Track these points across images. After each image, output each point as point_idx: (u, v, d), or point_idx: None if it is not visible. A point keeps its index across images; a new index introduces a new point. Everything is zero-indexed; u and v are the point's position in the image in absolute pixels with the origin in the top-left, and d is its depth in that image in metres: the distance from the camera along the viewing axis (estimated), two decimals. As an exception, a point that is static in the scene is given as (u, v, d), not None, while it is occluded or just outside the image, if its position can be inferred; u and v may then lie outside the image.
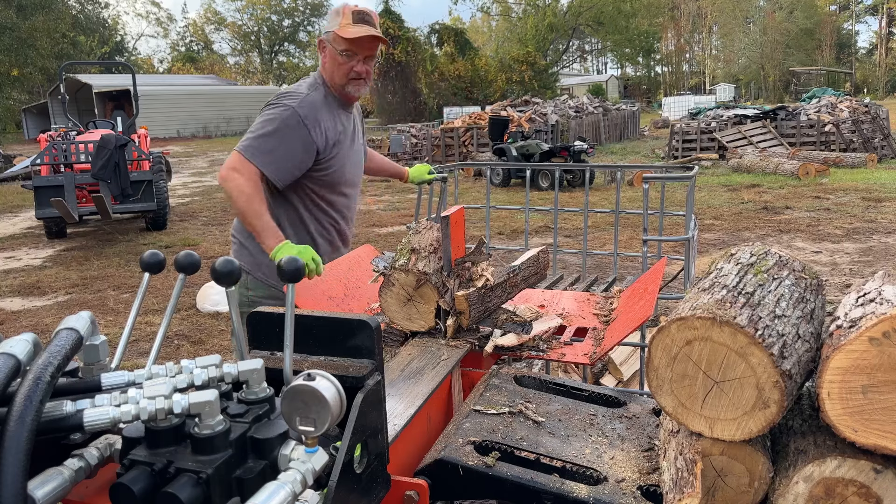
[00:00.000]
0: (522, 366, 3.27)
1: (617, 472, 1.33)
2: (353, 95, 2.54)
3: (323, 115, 2.46)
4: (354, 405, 1.02)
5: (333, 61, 2.47)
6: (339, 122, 2.53)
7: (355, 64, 2.46)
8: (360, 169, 2.81)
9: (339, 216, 2.67)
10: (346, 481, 0.98)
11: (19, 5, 30.94)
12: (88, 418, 0.87)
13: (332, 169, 2.52)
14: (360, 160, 2.80)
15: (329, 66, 2.49)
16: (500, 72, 43.88)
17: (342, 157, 2.56)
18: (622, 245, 7.71)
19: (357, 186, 2.80)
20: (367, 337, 1.14)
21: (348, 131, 2.60)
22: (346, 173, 2.62)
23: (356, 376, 1.09)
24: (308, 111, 2.41)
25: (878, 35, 65.23)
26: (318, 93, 2.50)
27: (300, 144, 2.39)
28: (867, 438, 1.04)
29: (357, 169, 2.74)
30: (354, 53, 2.44)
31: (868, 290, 1.19)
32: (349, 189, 2.70)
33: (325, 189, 2.57)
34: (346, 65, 2.46)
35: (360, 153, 2.80)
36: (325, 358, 1.17)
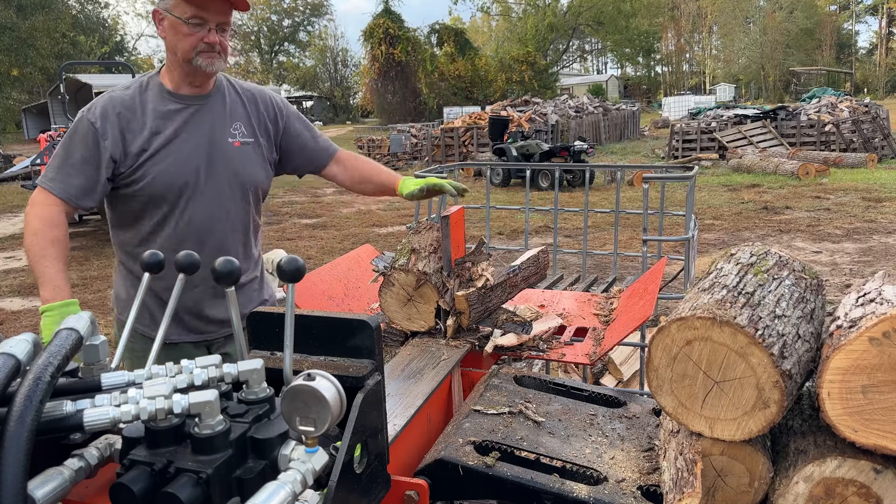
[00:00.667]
0: (522, 366, 3.28)
1: (617, 472, 1.33)
2: (203, 70, 1.99)
3: (130, 112, 1.99)
4: (354, 405, 1.02)
5: (176, 33, 1.97)
6: (169, 118, 2.02)
7: (205, 34, 1.97)
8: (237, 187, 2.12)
9: (158, 282, 1.90)
10: (346, 481, 0.98)
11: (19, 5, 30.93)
12: (88, 418, 0.87)
13: (146, 179, 1.99)
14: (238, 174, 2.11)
15: (171, 41, 1.99)
16: (500, 72, 43.90)
17: (168, 164, 2.00)
18: (622, 245, 7.71)
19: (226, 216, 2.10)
20: (367, 337, 1.14)
21: (188, 129, 2.04)
22: (171, 187, 2.01)
23: (356, 376, 1.09)
24: (102, 111, 1.98)
25: (878, 35, 65.23)
26: (133, 89, 2.05)
27: (86, 150, 1.95)
28: (867, 438, 1.04)
29: (220, 185, 2.07)
30: (203, 21, 1.96)
31: (868, 290, 1.19)
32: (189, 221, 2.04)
33: (135, 220, 2.05)
34: (194, 35, 1.97)
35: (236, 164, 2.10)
36: (325, 358, 1.16)
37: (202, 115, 2.08)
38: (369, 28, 40.38)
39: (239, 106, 2.17)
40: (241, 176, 2.13)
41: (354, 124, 47.99)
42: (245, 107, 2.18)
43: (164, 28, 2.01)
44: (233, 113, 2.14)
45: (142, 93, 2.05)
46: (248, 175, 2.15)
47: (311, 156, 2.34)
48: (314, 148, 2.35)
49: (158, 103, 2.04)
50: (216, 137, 2.08)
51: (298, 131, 2.30)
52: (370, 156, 21.34)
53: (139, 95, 2.04)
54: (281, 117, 2.26)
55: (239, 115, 2.16)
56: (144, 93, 2.05)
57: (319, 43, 72.28)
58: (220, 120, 2.10)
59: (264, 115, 2.21)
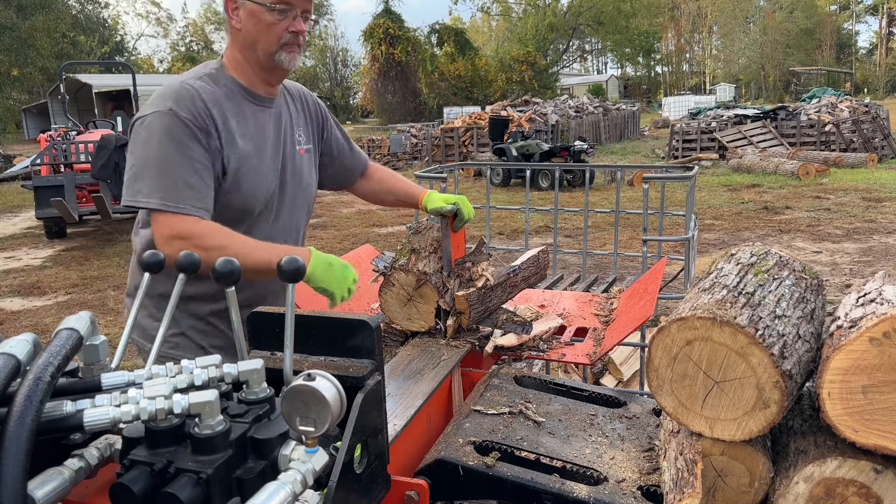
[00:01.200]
0: (522, 366, 3.28)
1: (617, 473, 1.33)
2: (284, 68, 1.78)
3: (222, 107, 1.74)
4: (354, 405, 1.02)
5: (258, 23, 1.72)
6: (249, 122, 1.80)
7: (290, 22, 1.73)
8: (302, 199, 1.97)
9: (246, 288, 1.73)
10: (346, 481, 0.98)
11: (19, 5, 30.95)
12: (88, 418, 0.87)
13: (232, 194, 1.75)
14: (302, 185, 1.95)
15: (250, 33, 1.73)
16: (500, 72, 43.92)
17: (253, 177, 1.77)
18: (622, 245, 7.71)
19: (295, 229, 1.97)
20: (367, 337, 1.14)
21: (267, 135, 1.83)
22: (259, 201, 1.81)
23: (356, 376, 1.09)
24: (192, 105, 1.68)
25: (878, 35, 65.24)
26: (209, 80, 1.77)
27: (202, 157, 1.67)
28: (867, 439, 1.04)
29: (293, 198, 1.92)
30: (288, 6, 1.72)
31: (868, 291, 1.19)
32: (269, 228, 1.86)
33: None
34: (279, 24, 1.72)
35: (302, 174, 1.95)
36: (325, 358, 1.16)
37: (277, 119, 1.87)
38: (369, 28, 40.39)
39: (296, 108, 1.98)
40: (307, 187, 1.97)
41: (354, 124, 48.01)
42: (301, 109, 1.99)
43: (241, 18, 1.73)
44: (294, 117, 1.95)
45: (217, 88, 1.76)
46: (311, 185, 2.01)
47: (346, 168, 2.16)
48: (350, 159, 2.16)
49: (236, 103, 1.77)
50: (288, 145, 1.89)
51: (339, 139, 2.13)
52: (370, 156, 21.34)
53: (217, 90, 1.75)
54: (325, 121, 2.09)
55: (298, 120, 1.97)
56: (219, 88, 1.76)
57: (319, 43, 72.28)
58: (289, 125, 1.91)
59: (314, 118, 2.04)
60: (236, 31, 1.76)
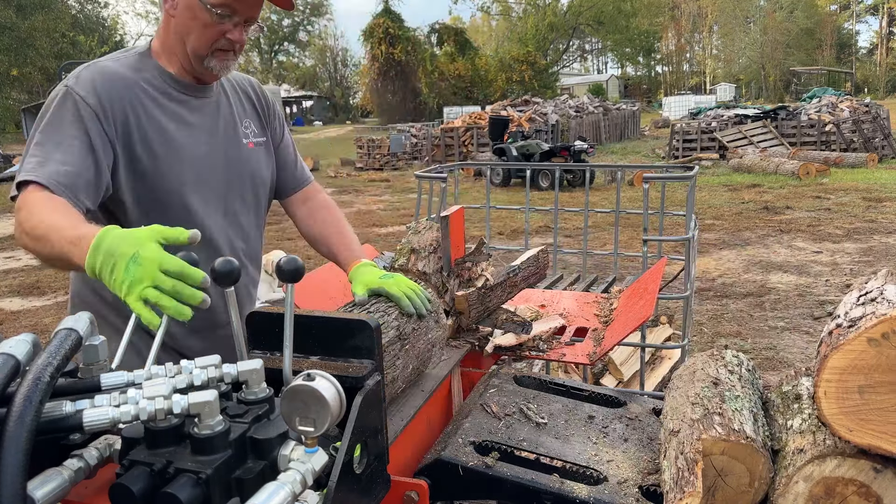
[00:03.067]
0: (522, 366, 3.28)
1: (617, 473, 1.33)
2: (212, 74, 1.66)
3: (135, 92, 1.59)
4: (354, 405, 1.01)
5: (192, 18, 1.57)
6: (171, 110, 1.64)
7: (229, 28, 1.59)
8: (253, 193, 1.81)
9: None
10: (346, 481, 0.98)
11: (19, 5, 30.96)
12: (88, 419, 0.87)
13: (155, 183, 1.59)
14: (252, 178, 1.79)
15: (183, 26, 1.59)
16: (500, 71, 43.93)
17: (178, 168, 1.62)
18: (622, 245, 7.71)
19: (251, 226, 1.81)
20: (366, 337, 1.14)
21: (197, 125, 1.68)
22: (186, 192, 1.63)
23: (356, 376, 1.08)
24: (92, 89, 1.52)
25: (878, 35, 65.24)
26: (128, 65, 1.62)
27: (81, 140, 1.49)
28: (862, 438, 1.04)
29: (240, 192, 1.76)
30: (233, 12, 1.57)
31: (870, 289, 1.19)
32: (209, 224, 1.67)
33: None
34: (215, 28, 1.57)
35: (251, 167, 1.79)
36: (325, 358, 1.16)
37: (212, 109, 1.73)
38: (369, 28, 40.41)
39: (242, 98, 1.84)
40: (259, 184, 1.82)
41: (354, 124, 48.02)
42: (249, 101, 1.86)
43: (176, 5, 1.58)
44: (238, 107, 1.81)
45: (135, 73, 1.62)
46: (267, 182, 1.85)
47: (287, 176, 1.94)
48: (293, 168, 1.95)
49: (158, 90, 1.63)
50: (230, 137, 1.75)
51: (286, 141, 1.95)
52: (370, 156, 21.34)
53: (134, 75, 1.61)
54: (274, 118, 1.92)
55: (247, 110, 1.83)
56: (137, 73, 1.62)
57: (319, 43, 72.36)
58: (230, 116, 1.77)
59: (266, 112, 1.89)
60: (169, 16, 1.61)
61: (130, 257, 1.14)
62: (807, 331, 5.43)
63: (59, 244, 1.28)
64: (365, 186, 16.51)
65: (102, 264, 1.17)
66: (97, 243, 1.19)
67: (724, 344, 5.20)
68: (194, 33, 1.58)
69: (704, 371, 1.39)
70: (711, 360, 1.44)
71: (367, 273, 1.66)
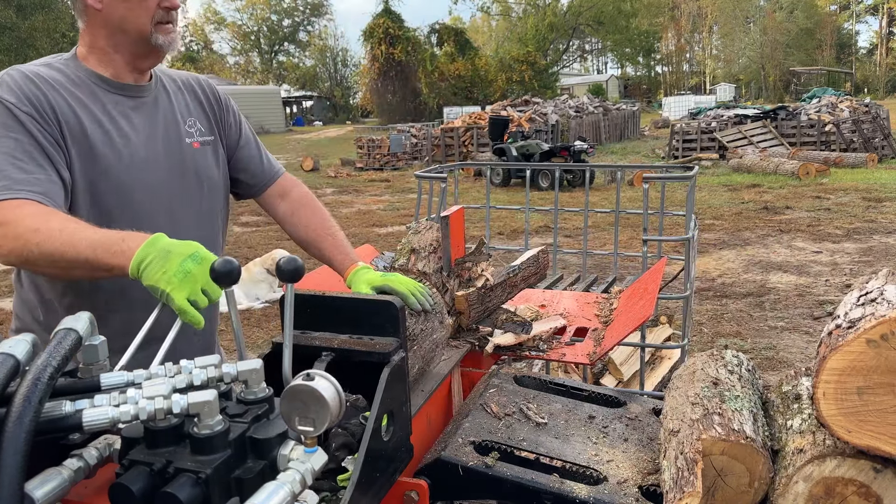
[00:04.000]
0: (522, 366, 3.28)
1: (617, 473, 1.33)
2: (162, 50, 1.57)
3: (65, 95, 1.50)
4: (382, 378, 1.09)
5: (125, 2, 1.50)
6: (107, 113, 1.55)
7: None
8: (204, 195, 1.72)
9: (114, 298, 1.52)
10: (375, 448, 1.06)
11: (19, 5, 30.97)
12: (87, 418, 0.87)
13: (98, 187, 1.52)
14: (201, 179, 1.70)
15: (114, 16, 1.51)
16: (500, 72, 43.92)
17: (118, 171, 1.53)
18: (622, 245, 7.71)
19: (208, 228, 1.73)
20: (391, 317, 1.22)
21: (136, 126, 1.59)
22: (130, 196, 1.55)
23: (382, 352, 1.16)
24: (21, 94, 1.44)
25: (878, 35, 65.25)
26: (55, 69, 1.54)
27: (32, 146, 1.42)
28: (860, 439, 1.04)
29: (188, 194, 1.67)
30: None
31: (870, 290, 1.19)
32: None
33: None
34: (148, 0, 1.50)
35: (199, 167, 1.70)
36: (354, 336, 1.23)
37: (150, 109, 1.64)
38: (369, 28, 40.41)
39: (188, 96, 1.75)
40: (209, 182, 1.73)
41: (354, 124, 48.02)
42: (194, 99, 1.76)
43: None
44: (181, 105, 1.72)
45: (63, 77, 1.53)
46: (216, 180, 1.76)
47: (254, 172, 1.87)
48: (259, 163, 1.87)
49: (90, 92, 1.55)
50: (172, 138, 1.66)
51: (246, 137, 1.87)
52: (370, 156, 21.32)
53: (62, 78, 1.53)
54: (227, 113, 1.83)
55: (191, 109, 1.74)
56: (65, 77, 1.54)
57: (319, 43, 72.33)
58: (171, 115, 1.68)
59: (215, 107, 1.80)
60: (95, 11, 1.51)
61: (189, 255, 1.18)
62: (806, 331, 5.43)
63: (87, 248, 1.26)
64: (365, 186, 16.51)
65: (154, 259, 1.19)
66: (153, 240, 1.22)
67: (723, 344, 5.21)
68: (131, 14, 1.50)
69: (704, 371, 1.39)
70: (711, 360, 1.44)
71: (368, 273, 1.66)
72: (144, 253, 1.21)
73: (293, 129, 48.21)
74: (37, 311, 1.61)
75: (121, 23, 1.51)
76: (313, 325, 1.25)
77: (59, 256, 1.29)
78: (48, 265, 1.32)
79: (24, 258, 1.32)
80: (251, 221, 11.78)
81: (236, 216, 12.27)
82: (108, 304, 1.53)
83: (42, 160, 1.42)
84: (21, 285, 1.65)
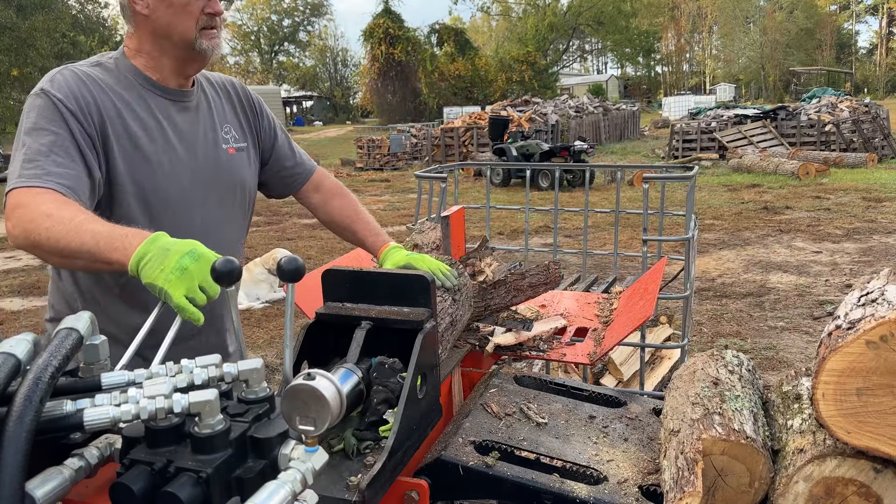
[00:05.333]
0: (522, 366, 3.28)
1: (617, 472, 1.33)
2: (206, 56, 1.59)
3: (112, 96, 1.53)
4: (416, 344, 1.23)
5: (169, 5, 1.52)
6: (152, 115, 1.59)
7: (206, 2, 1.55)
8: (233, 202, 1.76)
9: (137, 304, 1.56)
10: (411, 405, 1.20)
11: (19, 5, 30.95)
12: (88, 418, 0.87)
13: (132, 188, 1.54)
14: (233, 186, 1.74)
15: (162, 19, 1.53)
16: (500, 72, 43.92)
17: (159, 175, 1.56)
18: (622, 245, 7.71)
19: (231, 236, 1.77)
20: (423, 290, 1.33)
21: (179, 132, 1.63)
22: (163, 200, 1.58)
23: (416, 321, 1.28)
24: (69, 92, 1.47)
25: (878, 35, 65.25)
26: (103, 68, 1.57)
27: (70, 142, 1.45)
28: (860, 440, 1.04)
29: (219, 200, 1.70)
30: None
31: (871, 290, 1.19)
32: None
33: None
34: (194, 5, 1.53)
35: (232, 174, 1.74)
36: (390, 306, 1.34)
37: (192, 115, 1.68)
38: (369, 28, 40.42)
39: (224, 101, 1.78)
40: (240, 191, 1.77)
41: (354, 124, 48.03)
42: (230, 104, 1.80)
43: (148, 5, 1.52)
44: (219, 111, 1.75)
45: (111, 76, 1.56)
46: (246, 187, 1.79)
47: (287, 173, 1.92)
48: (293, 163, 1.93)
49: (137, 94, 1.57)
50: (210, 144, 1.69)
51: (280, 139, 1.91)
52: (370, 156, 21.32)
53: (109, 78, 1.56)
54: (262, 117, 1.87)
55: (227, 115, 1.77)
56: (113, 77, 1.56)
57: (319, 43, 72.33)
58: (210, 121, 1.72)
59: (248, 114, 1.84)
60: (143, 17, 1.54)
61: (186, 252, 1.19)
62: (806, 331, 5.43)
63: (91, 239, 1.29)
64: (365, 186, 16.51)
65: (153, 257, 1.20)
66: (154, 238, 1.24)
67: (723, 344, 5.21)
68: (177, 18, 1.53)
69: (704, 371, 1.39)
70: (711, 360, 1.44)
71: (397, 253, 1.80)
72: (144, 250, 1.22)
73: (293, 129, 48.21)
74: (76, 303, 1.64)
75: (167, 29, 1.54)
76: (353, 297, 1.37)
77: (64, 244, 1.30)
78: (53, 251, 1.34)
79: (33, 241, 1.34)
80: (251, 221, 11.77)
81: (236, 216, 12.25)
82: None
83: (76, 156, 1.45)
84: (59, 276, 1.67)
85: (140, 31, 1.57)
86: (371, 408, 1.19)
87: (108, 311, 1.60)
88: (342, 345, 1.26)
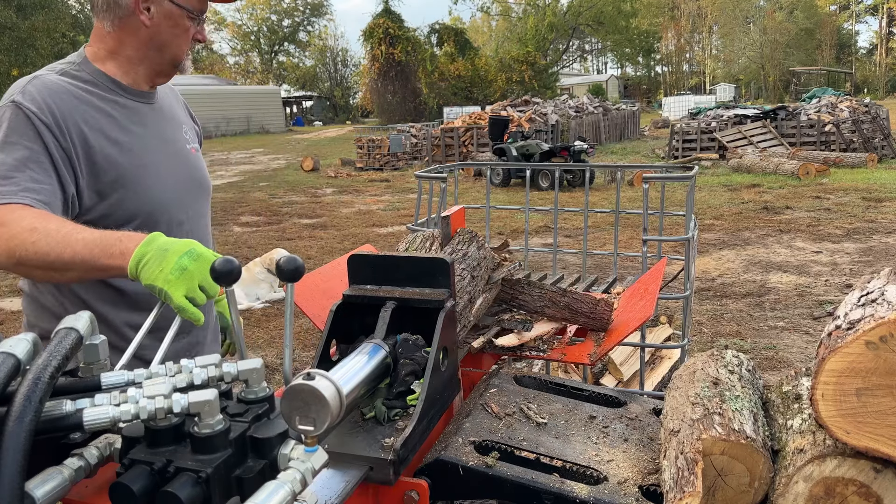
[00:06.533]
0: (522, 366, 3.28)
1: (617, 472, 1.33)
2: (181, 72, 1.67)
3: (83, 104, 1.51)
4: (438, 321, 1.33)
5: (174, 26, 1.55)
6: (126, 118, 1.59)
7: (197, 29, 1.60)
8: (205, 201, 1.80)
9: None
10: (435, 377, 1.30)
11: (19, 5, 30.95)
12: (88, 418, 0.87)
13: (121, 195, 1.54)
14: (203, 185, 1.78)
15: (160, 38, 1.56)
16: (500, 72, 43.90)
17: (143, 178, 1.57)
18: (622, 245, 7.71)
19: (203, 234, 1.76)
20: (443, 272, 1.40)
21: (154, 131, 1.65)
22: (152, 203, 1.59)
23: (437, 300, 1.38)
24: (43, 103, 1.45)
25: (878, 35, 65.25)
26: (69, 76, 1.54)
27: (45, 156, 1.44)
28: (859, 441, 1.04)
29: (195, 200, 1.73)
30: (202, 11, 1.59)
31: (871, 290, 1.19)
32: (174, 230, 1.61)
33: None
34: (191, 31, 1.59)
35: (200, 173, 1.77)
36: (412, 287, 1.43)
37: (160, 115, 1.69)
38: (369, 28, 40.41)
39: (172, 103, 1.80)
40: (207, 189, 1.80)
41: (354, 124, 48.02)
42: (178, 104, 1.83)
43: (153, 16, 1.53)
44: (175, 113, 1.78)
45: (79, 83, 1.54)
46: (208, 186, 1.81)
47: None
48: None
49: (105, 99, 1.56)
50: (180, 143, 1.72)
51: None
52: (370, 156, 21.31)
53: (78, 86, 1.54)
54: (195, 120, 1.90)
55: (181, 116, 1.80)
56: (82, 83, 1.55)
57: (319, 43, 72.35)
58: (173, 122, 1.73)
59: (191, 114, 1.89)
60: (140, 25, 1.54)
61: (185, 252, 1.19)
62: (806, 331, 5.43)
63: (83, 248, 1.27)
64: (365, 186, 16.50)
65: (151, 258, 1.20)
66: (150, 239, 1.24)
67: (723, 344, 5.21)
68: (175, 40, 1.57)
69: (704, 371, 1.39)
70: (711, 360, 1.44)
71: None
72: (142, 252, 1.22)
73: (293, 130, 48.22)
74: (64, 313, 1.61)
75: (162, 44, 1.58)
76: (378, 280, 1.45)
77: (54, 256, 1.29)
78: (42, 265, 1.31)
79: (18, 258, 1.32)
80: (251, 221, 11.78)
81: (236, 216, 12.27)
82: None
83: (51, 171, 1.44)
84: (38, 289, 1.66)
85: (127, 37, 1.56)
86: (399, 379, 1.30)
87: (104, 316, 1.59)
88: (366, 325, 1.38)
